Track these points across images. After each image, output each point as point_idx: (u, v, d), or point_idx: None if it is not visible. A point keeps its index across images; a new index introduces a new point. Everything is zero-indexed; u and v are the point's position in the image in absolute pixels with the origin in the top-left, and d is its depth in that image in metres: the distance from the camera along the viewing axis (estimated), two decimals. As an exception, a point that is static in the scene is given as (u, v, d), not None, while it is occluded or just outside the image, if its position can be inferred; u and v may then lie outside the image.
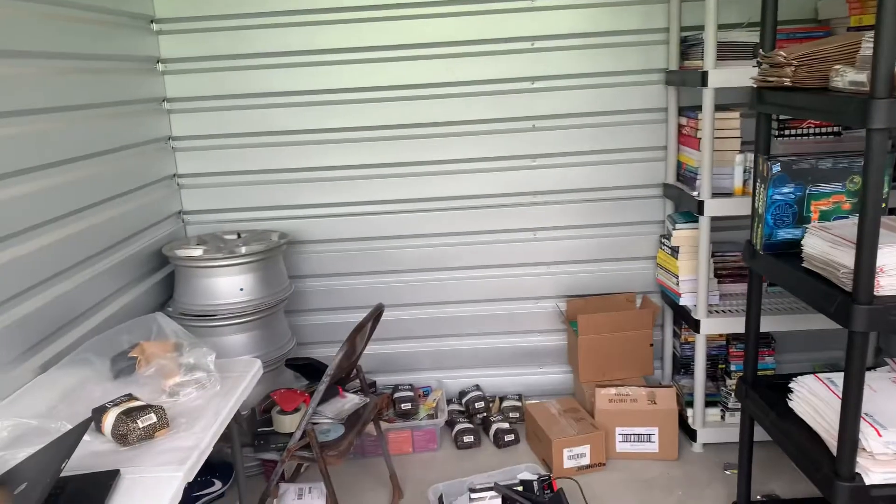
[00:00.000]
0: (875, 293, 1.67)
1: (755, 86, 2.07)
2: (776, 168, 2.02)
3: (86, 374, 1.94)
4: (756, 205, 2.12)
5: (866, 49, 1.65)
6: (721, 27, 2.66)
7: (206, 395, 1.84)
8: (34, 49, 2.16)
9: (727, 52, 2.63)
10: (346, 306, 3.23)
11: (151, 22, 2.96)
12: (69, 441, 1.38)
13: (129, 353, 1.95)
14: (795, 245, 1.98)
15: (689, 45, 2.85)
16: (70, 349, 2.13)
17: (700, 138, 2.64)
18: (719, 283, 2.92)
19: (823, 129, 2.64)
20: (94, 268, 2.41)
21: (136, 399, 1.69)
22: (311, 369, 2.59)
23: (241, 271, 2.76)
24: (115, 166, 2.60)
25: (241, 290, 2.75)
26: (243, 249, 2.77)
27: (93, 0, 2.50)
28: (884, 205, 1.98)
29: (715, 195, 2.66)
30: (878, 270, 1.67)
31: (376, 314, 2.49)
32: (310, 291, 3.23)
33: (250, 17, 2.95)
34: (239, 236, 3.02)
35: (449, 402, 3.24)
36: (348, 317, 3.19)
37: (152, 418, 1.61)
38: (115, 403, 1.65)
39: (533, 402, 3.11)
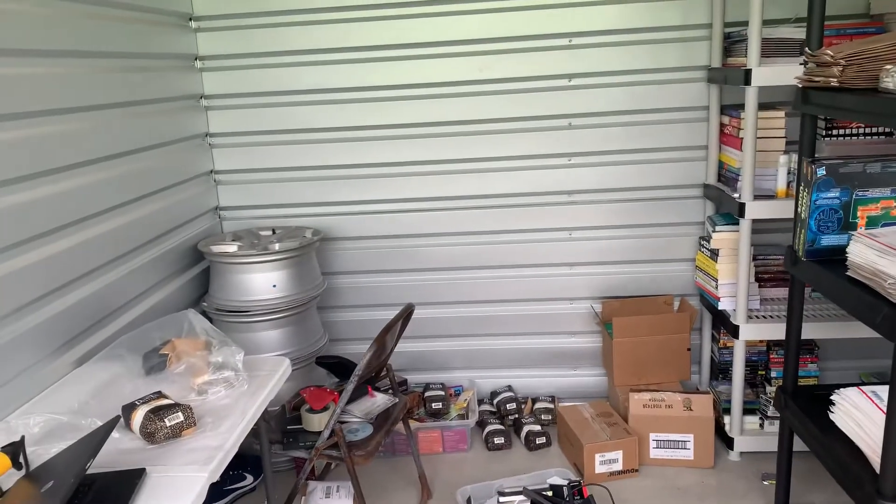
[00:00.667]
0: (924, 305, 1.60)
1: (800, 85, 1.99)
2: (821, 171, 1.94)
3: (118, 369, 1.97)
4: (799, 209, 2.04)
5: (919, 48, 1.57)
6: (766, 23, 2.57)
7: (233, 394, 1.85)
8: (76, 48, 2.20)
9: (773, 49, 2.54)
10: (378, 303, 3.23)
11: (190, 20, 2.99)
12: (96, 440, 1.39)
13: (161, 350, 1.97)
14: (840, 252, 1.89)
15: (732, 42, 2.76)
16: (106, 343, 2.18)
17: (742, 138, 2.56)
18: (760, 287, 2.84)
19: (874, 130, 2.52)
20: (131, 263, 2.46)
21: (165, 397, 1.71)
22: (341, 367, 2.60)
23: (275, 268, 2.77)
24: (153, 162, 2.64)
25: (274, 286, 2.77)
26: (276, 246, 2.79)
27: (132, -1, 2.54)
28: (937, 211, 1.90)
29: (757, 197, 2.58)
30: (927, 282, 1.59)
31: (406, 314, 2.48)
32: (343, 288, 3.24)
33: (286, 15, 2.96)
34: (273, 232, 3.04)
35: (480, 402, 3.22)
36: (381, 314, 3.20)
37: (179, 417, 1.62)
38: (145, 401, 1.67)
39: (566, 404, 3.07)
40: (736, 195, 2.63)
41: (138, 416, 1.62)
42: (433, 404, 3.03)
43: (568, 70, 2.95)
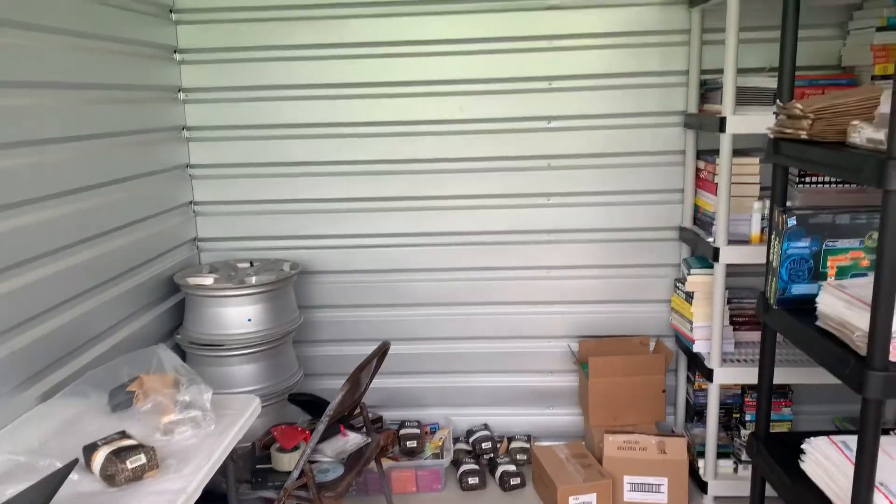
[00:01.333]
0: (890, 359, 1.61)
1: (771, 136, 2.02)
2: (792, 221, 1.96)
3: (83, 406, 1.93)
4: (771, 257, 2.06)
5: (885, 107, 1.60)
6: (741, 71, 2.62)
7: (200, 434, 1.82)
8: (59, 80, 2.20)
9: (747, 98, 2.58)
10: (355, 338, 3.21)
11: (175, 52, 3.00)
12: (52, 483, 1.36)
13: (128, 387, 1.94)
14: (811, 301, 1.91)
15: (708, 89, 2.81)
16: (74, 377, 2.14)
17: (717, 183, 2.59)
18: (735, 330, 2.85)
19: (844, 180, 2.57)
20: (104, 294, 2.43)
21: (129, 437, 1.68)
22: (314, 405, 2.57)
23: (251, 301, 2.75)
24: (132, 193, 2.63)
25: (249, 320, 2.75)
26: (253, 280, 2.77)
27: (117, 31, 2.54)
28: (904, 263, 1.92)
29: (731, 242, 2.60)
30: (894, 335, 1.60)
31: (382, 351, 2.47)
32: (320, 322, 3.22)
33: (270, 50, 2.99)
34: (251, 265, 3.03)
35: (456, 440, 3.19)
36: (358, 349, 3.17)
37: (141, 459, 1.59)
38: (107, 441, 1.64)
39: (541, 444, 3.05)
40: (710, 239, 2.66)
41: (99, 458, 1.58)
42: (408, 442, 3.00)
43: (548, 112, 2.99)
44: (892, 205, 1.51)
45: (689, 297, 2.80)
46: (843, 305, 1.75)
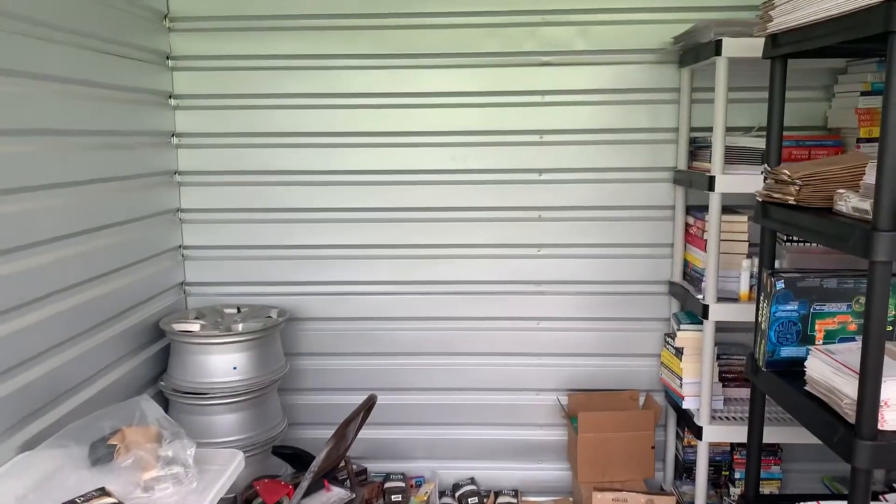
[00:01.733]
0: (879, 428, 1.61)
1: (759, 199, 2.05)
2: (780, 284, 1.97)
3: (63, 460, 1.89)
4: (759, 319, 2.07)
5: (870, 177, 1.63)
6: (730, 130, 2.67)
7: (182, 491, 1.78)
8: (49, 126, 2.20)
9: (736, 157, 2.62)
10: (342, 387, 3.17)
11: (170, 97, 3.02)
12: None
13: (109, 440, 1.90)
14: (799, 364, 1.91)
15: (698, 147, 2.85)
16: (56, 426, 2.09)
17: (707, 240, 2.61)
18: (724, 386, 2.84)
19: (832, 239, 2.60)
20: (89, 341, 2.39)
21: (108, 495, 1.64)
22: (297, 459, 2.53)
23: (236, 349, 2.72)
24: (121, 238, 2.61)
25: (235, 368, 2.71)
26: (240, 327, 2.75)
27: (112, 78, 2.56)
28: (892, 328, 1.94)
29: (721, 299, 2.61)
30: (882, 404, 1.60)
31: (368, 405, 2.44)
32: (306, 370, 3.19)
33: (264, 98, 3.01)
34: (239, 311, 3.01)
35: (442, 494, 3.14)
36: (344, 398, 3.11)
37: (120, 520, 1.55)
38: (86, 500, 1.60)
39: (529, 499, 3.00)
40: (700, 296, 2.66)
41: (76, 518, 1.55)
42: (393, 496, 2.95)
43: (539, 165, 3.02)
44: (879, 275, 1.53)
45: (679, 352, 2.80)
46: (832, 371, 1.75)
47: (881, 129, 1.49)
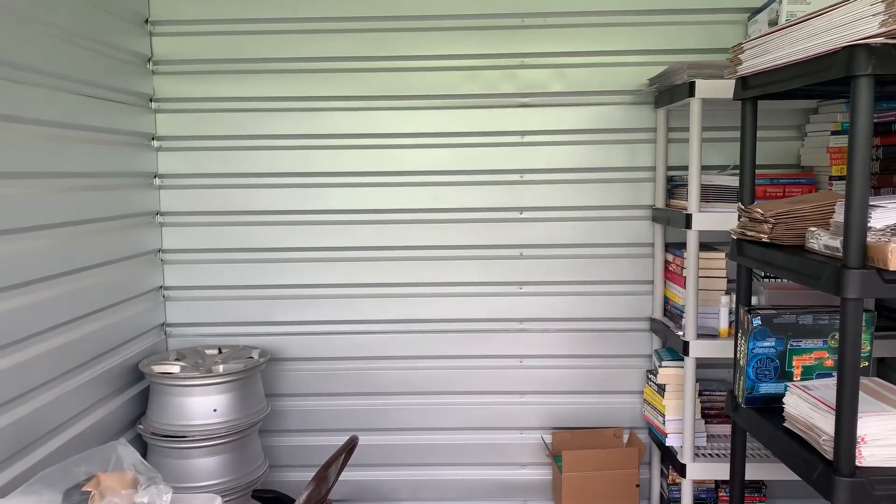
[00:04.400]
0: (857, 464, 1.61)
1: (734, 237, 2.08)
2: (756, 321, 2.00)
3: (35, 508, 1.84)
4: (738, 356, 2.09)
5: (839, 215, 1.67)
6: (706, 168, 2.73)
7: (156, 538, 1.75)
8: (33, 169, 2.21)
9: (712, 195, 2.67)
10: (324, 428, 3.14)
11: (152, 139, 3.04)
12: None
13: (84, 487, 1.86)
14: (778, 400, 1.93)
15: (675, 185, 2.90)
16: (31, 472, 2.05)
17: (685, 277, 2.64)
18: (707, 423, 2.84)
19: (808, 275, 2.63)
20: (67, 384, 2.36)
21: (80, 544, 1.60)
22: (277, 503, 2.48)
23: (217, 391, 2.70)
24: (102, 279, 2.60)
25: (215, 410, 2.68)
26: (220, 368, 2.72)
27: (93, 120, 2.58)
28: (867, 363, 1.96)
29: (701, 336, 2.63)
30: (859, 440, 1.61)
31: (350, 447, 2.41)
32: (287, 411, 3.15)
33: (245, 139, 3.04)
34: (220, 351, 2.98)
35: (425, 536, 3.09)
36: (326, 439, 3.10)
37: (92, 570, 1.51)
38: (57, 549, 1.56)
39: (513, 541, 2.97)
40: (680, 333, 2.68)
41: (47, 568, 1.51)
42: (375, 539, 2.90)
43: (520, 203, 3.05)
44: (850, 312, 1.55)
45: (661, 389, 2.80)
46: (809, 407, 1.76)
47: (847, 168, 1.53)
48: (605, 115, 3.01)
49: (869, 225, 1.56)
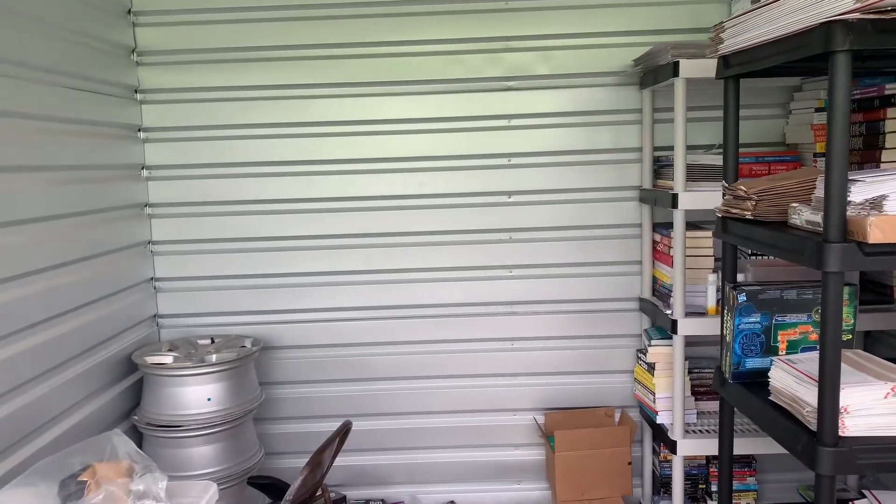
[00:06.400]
0: (840, 434, 1.64)
1: (719, 215, 2.10)
2: (742, 297, 2.02)
3: (31, 499, 1.86)
4: (724, 332, 2.12)
5: (820, 190, 1.69)
6: (692, 148, 2.74)
7: (153, 525, 1.76)
8: (19, 163, 2.20)
9: (698, 174, 2.68)
10: (317, 415, 3.16)
11: (139, 130, 3.03)
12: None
13: (80, 477, 1.87)
14: (764, 375, 1.95)
15: (661, 166, 2.91)
16: (27, 464, 2.06)
17: (673, 256, 2.66)
18: (697, 400, 2.88)
19: (794, 252, 2.66)
20: (60, 376, 2.37)
21: (77, 532, 1.62)
22: (273, 489, 2.51)
23: (211, 380, 2.71)
24: (93, 272, 2.60)
25: (209, 399, 2.70)
26: (213, 358, 2.74)
27: (80, 113, 2.57)
28: (850, 336, 1.99)
29: (689, 314, 2.66)
30: (842, 410, 1.64)
31: (343, 431, 2.43)
32: (281, 399, 3.17)
33: (233, 129, 3.03)
34: (212, 341, 2.99)
35: (422, 518, 3.13)
36: (320, 426, 3.11)
37: (89, 557, 1.53)
38: (54, 537, 1.58)
39: (508, 520, 3.00)
40: (668, 311, 2.71)
41: (45, 557, 1.52)
42: (372, 522, 2.93)
43: (508, 187, 3.06)
44: (831, 285, 1.58)
45: (651, 368, 2.83)
46: (794, 381, 1.79)
47: (826, 144, 1.55)
48: (590, 96, 3.02)
49: (849, 199, 1.58)
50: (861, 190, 1.58)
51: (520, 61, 3.00)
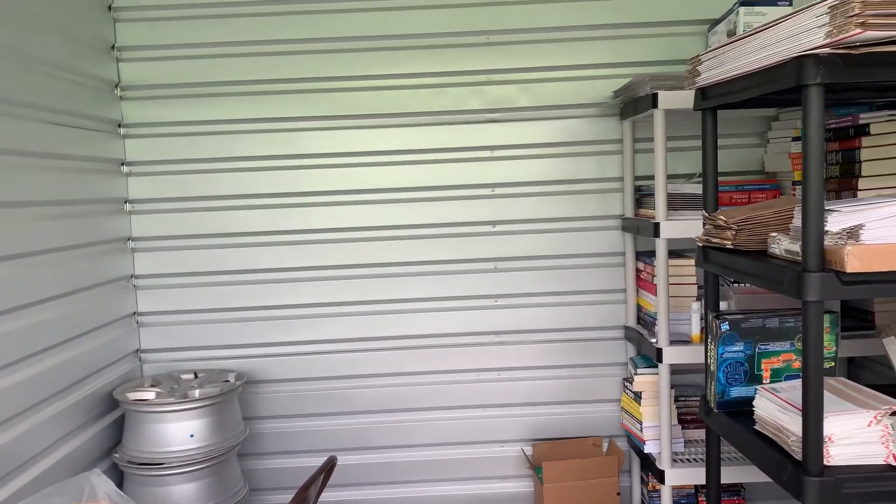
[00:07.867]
0: (826, 463, 1.64)
1: (700, 244, 2.12)
2: (725, 326, 2.03)
3: (7, 542, 1.82)
4: (708, 361, 2.12)
5: (797, 220, 1.71)
6: (672, 177, 2.77)
7: (132, 568, 1.73)
8: (3, 199, 2.19)
9: (679, 203, 2.71)
10: (303, 450, 3.12)
11: (122, 164, 3.03)
12: None
13: (57, 519, 1.84)
14: (749, 403, 1.95)
15: (643, 195, 2.94)
16: (3, 505, 2.03)
17: (657, 284, 2.67)
18: (684, 428, 2.87)
19: (775, 279, 2.68)
20: (39, 415, 2.33)
21: (54, 577, 1.58)
22: (257, 526, 2.47)
23: (194, 416, 2.67)
24: (74, 307, 2.58)
25: (192, 436, 2.66)
26: (196, 393, 2.70)
27: (62, 148, 2.56)
28: (833, 364, 2.00)
29: (673, 342, 2.66)
30: (826, 439, 1.65)
31: (328, 467, 2.40)
32: (266, 434, 3.13)
33: (217, 162, 3.04)
34: (196, 376, 2.96)
35: (409, 553, 3.08)
36: (305, 461, 3.08)
37: None
38: (29, 584, 1.54)
39: (497, 554, 2.96)
40: (653, 340, 2.71)
41: None
42: (358, 559, 2.88)
43: (492, 217, 3.08)
44: (811, 314, 1.59)
45: (638, 396, 2.83)
46: (777, 410, 1.80)
47: (803, 174, 1.57)
48: (572, 127, 3.05)
49: (826, 229, 1.60)
50: (837, 220, 1.60)
51: (502, 93, 3.03)
